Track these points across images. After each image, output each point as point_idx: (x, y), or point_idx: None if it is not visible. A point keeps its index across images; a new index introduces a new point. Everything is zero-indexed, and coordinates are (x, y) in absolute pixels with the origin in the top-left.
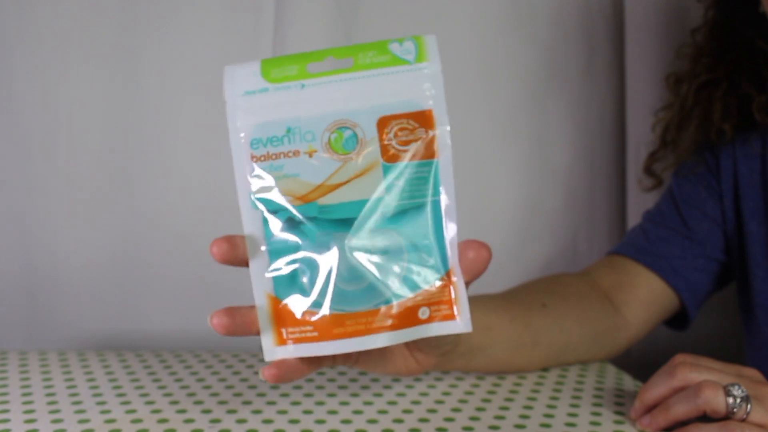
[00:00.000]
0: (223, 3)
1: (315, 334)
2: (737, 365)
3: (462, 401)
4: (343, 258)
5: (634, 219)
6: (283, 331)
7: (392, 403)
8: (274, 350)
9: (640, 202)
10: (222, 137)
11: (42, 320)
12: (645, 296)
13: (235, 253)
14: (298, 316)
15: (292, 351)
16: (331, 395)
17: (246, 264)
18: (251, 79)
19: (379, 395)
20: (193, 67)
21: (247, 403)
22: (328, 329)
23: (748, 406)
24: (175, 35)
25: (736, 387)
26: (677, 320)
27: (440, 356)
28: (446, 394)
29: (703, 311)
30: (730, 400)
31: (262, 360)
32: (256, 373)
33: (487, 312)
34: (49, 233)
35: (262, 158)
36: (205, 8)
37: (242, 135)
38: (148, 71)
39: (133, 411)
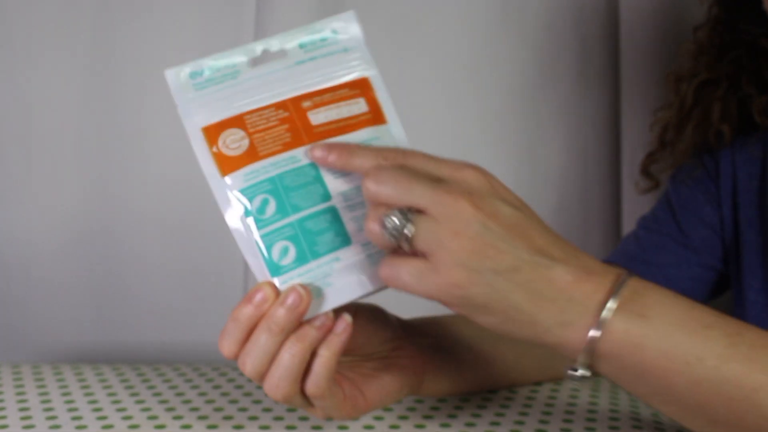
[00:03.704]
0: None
1: None
2: (462, 167)
3: (451, 416)
4: None
5: (629, 225)
6: None
7: (388, 409)
8: None
9: (635, 208)
10: None
11: (15, 332)
12: None
13: None
14: None
15: None
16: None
17: None
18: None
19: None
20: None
21: (228, 418)
22: None
23: (406, 229)
24: (154, 31)
25: (390, 218)
26: None
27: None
28: (441, 400)
29: None
30: (386, 234)
31: (242, 374)
32: (240, 387)
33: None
34: (22, 243)
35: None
36: (185, 4)
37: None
38: (126, 67)
39: (110, 426)
